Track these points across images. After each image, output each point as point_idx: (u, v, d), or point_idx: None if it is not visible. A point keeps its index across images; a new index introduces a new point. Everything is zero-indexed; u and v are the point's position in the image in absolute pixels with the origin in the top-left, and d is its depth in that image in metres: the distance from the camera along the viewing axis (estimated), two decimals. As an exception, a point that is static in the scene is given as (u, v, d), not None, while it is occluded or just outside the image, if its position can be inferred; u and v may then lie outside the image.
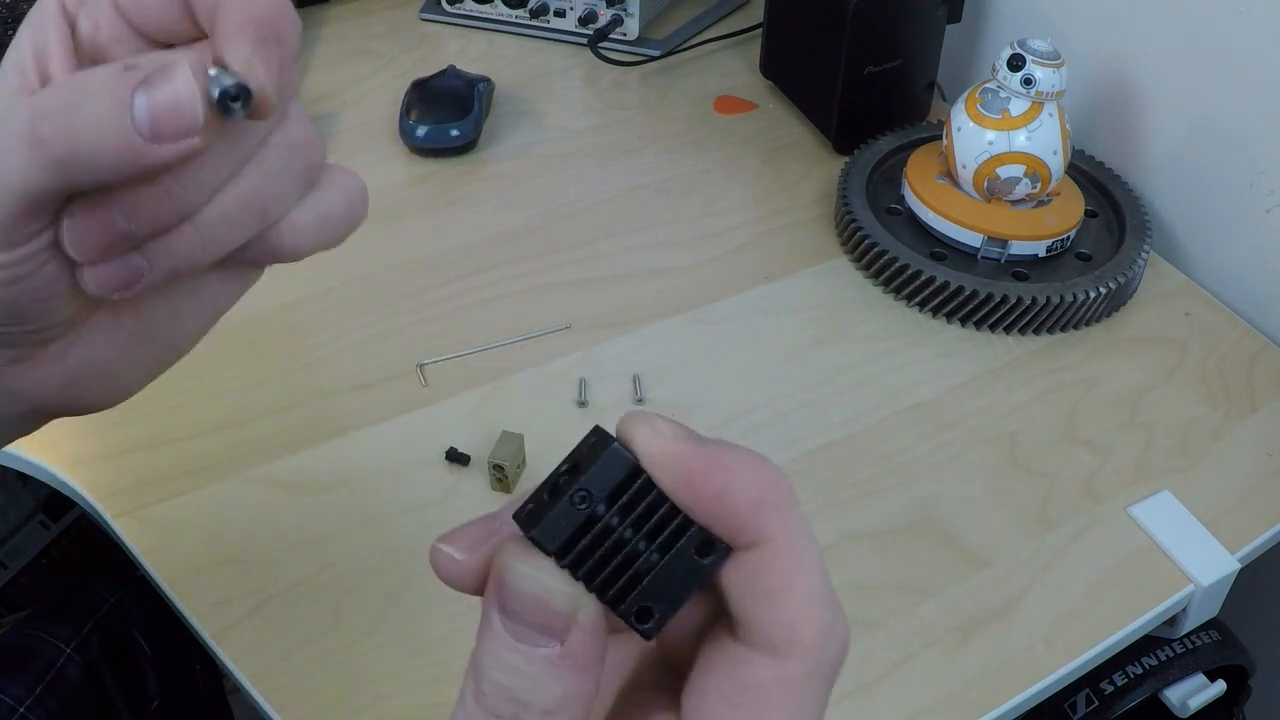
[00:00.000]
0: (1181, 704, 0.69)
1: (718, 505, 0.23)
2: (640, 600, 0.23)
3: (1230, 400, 0.68)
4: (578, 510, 0.22)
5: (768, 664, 0.23)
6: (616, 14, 0.95)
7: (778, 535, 0.23)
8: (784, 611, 0.23)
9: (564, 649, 0.22)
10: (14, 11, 0.96)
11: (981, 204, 0.73)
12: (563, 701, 0.22)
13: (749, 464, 0.24)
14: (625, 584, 0.23)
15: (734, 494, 0.23)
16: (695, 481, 0.23)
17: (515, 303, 0.72)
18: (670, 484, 0.23)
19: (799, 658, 0.23)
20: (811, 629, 0.23)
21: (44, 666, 0.64)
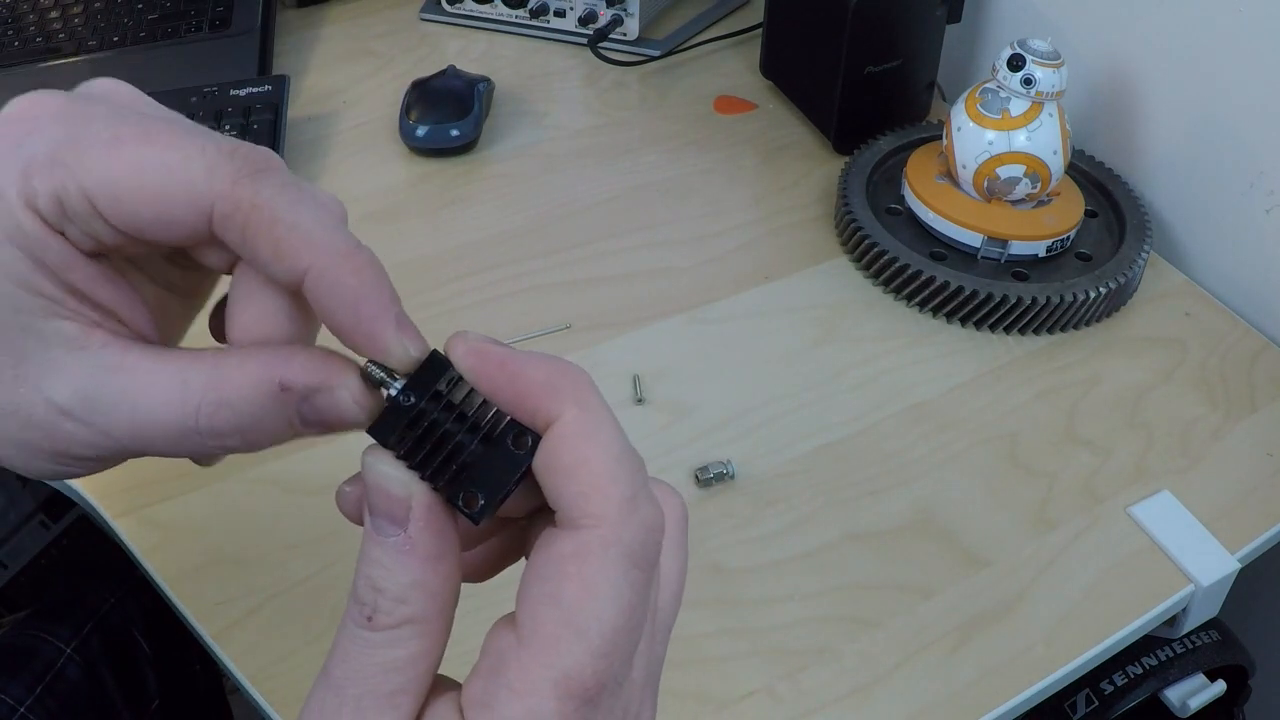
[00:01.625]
0: (1181, 704, 0.69)
1: (512, 389, 0.25)
2: (468, 487, 0.25)
3: (1230, 400, 0.68)
4: (404, 407, 0.26)
5: (566, 536, 0.25)
6: (616, 14, 0.95)
7: (566, 412, 0.25)
8: (575, 483, 0.25)
9: (407, 535, 0.25)
10: (14, 11, 0.96)
11: (981, 204, 0.73)
12: (410, 588, 0.25)
13: (543, 357, 0.26)
14: (454, 474, 0.25)
15: (525, 375, 0.26)
16: (492, 369, 0.26)
17: (515, 303, 0.72)
18: (471, 372, 0.26)
19: (591, 528, 0.24)
20: (602, 500, 0.24)
21: (44, 666, 0.64)
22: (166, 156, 0.26)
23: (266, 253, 0.26)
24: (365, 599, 0.26)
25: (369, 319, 0.26)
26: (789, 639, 0.55)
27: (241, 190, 0.25)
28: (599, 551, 0.24)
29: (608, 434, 0.25)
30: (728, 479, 0.61)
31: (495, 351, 0.26)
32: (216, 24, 0.93)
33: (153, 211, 0.26)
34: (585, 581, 0.24)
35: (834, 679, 0.53)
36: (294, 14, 1.00)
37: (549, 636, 0.24)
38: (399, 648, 0.25)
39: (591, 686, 0.24)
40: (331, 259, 0.26)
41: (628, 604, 0.24)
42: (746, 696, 0.52)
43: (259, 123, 0.80)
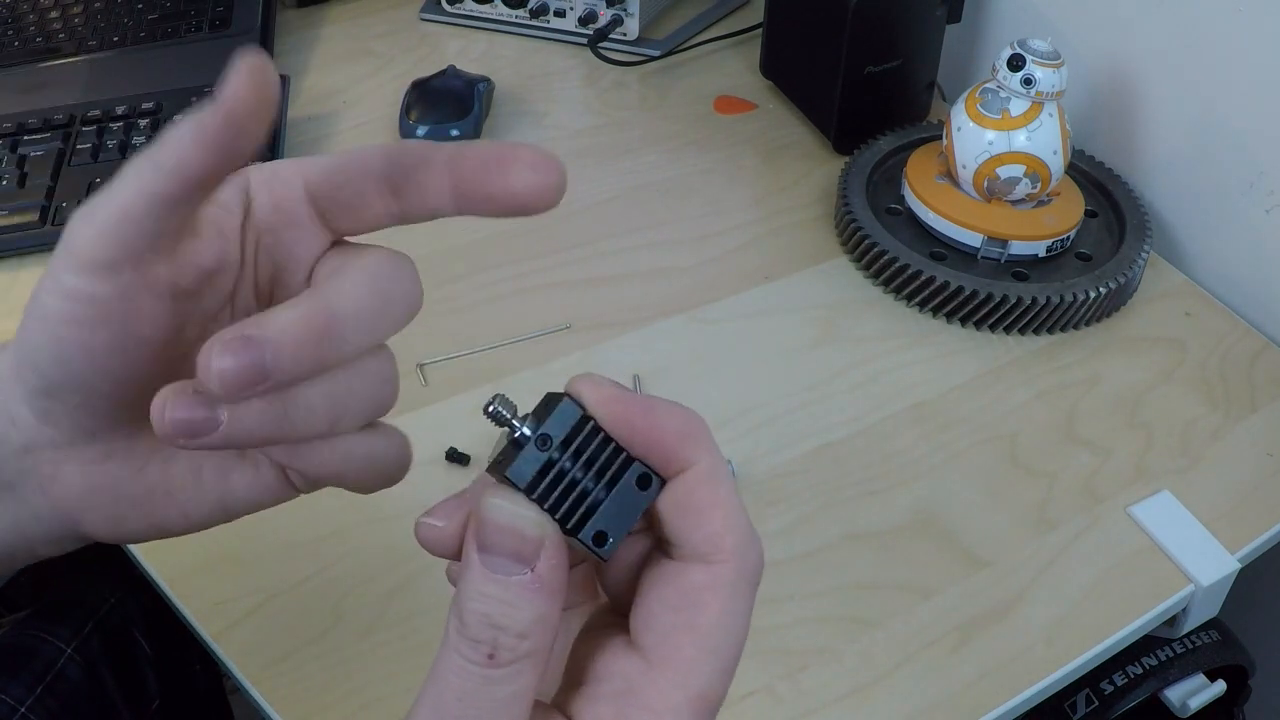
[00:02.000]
0: (1181, 704, 0.69)
1: (651, 438, 0.28)
2: (595, 527, 0.27)
3: (1230, 400, 0.68)
4: (540, 453, 0.27)
5: (701, 570, 0.27)
6: (616, 14, 0.95)
7: (701, 461, 0.28)
8: (710, 524, 0.27)
9: (535, 574, 0.26)
10: (14, 11, 0.96)
11: (981, 204, 0.73)
12: (535, 624, 0.26)
13: (674, 406, 0.28)
14: (582, 515, 0.27)
15: (663, 427, 0.28)
16: (632, 420, 0.28)
17: (515, 303, 0.72)
18: (612, 424, 0.28)
19: (725, 562, 0.27)
20: (734, 538, 0.27)
21: (44, 666, 0.64)
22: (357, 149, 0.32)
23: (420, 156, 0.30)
24: (483, 637, 0.26)
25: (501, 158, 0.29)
26: (789, 639, 0.55)
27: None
28: (734, 582, 0.27)
29: (729, 480, 0.28)
30: (728, 479, 0.61)
31: (633, 403, 0.28)
32: (216, 24, 0.93)
33: (350, 163, 0.31)
34: (722, 609, 0.27)
35: (834, 679, 0.53)
36: (294, 14, 1.00)
37: (686, 659, 0.27)
38: (518, 680, 0.27)
39: (716, 702, 0.27)
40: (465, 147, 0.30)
41: (746, 627, 0.28)
42: (746, 696, 0.52)
43: (259, 123, 0.79)
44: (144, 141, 0.78)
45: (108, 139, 0.78)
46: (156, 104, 0.81)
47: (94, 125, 0.80)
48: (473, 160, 0.29)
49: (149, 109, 0.81)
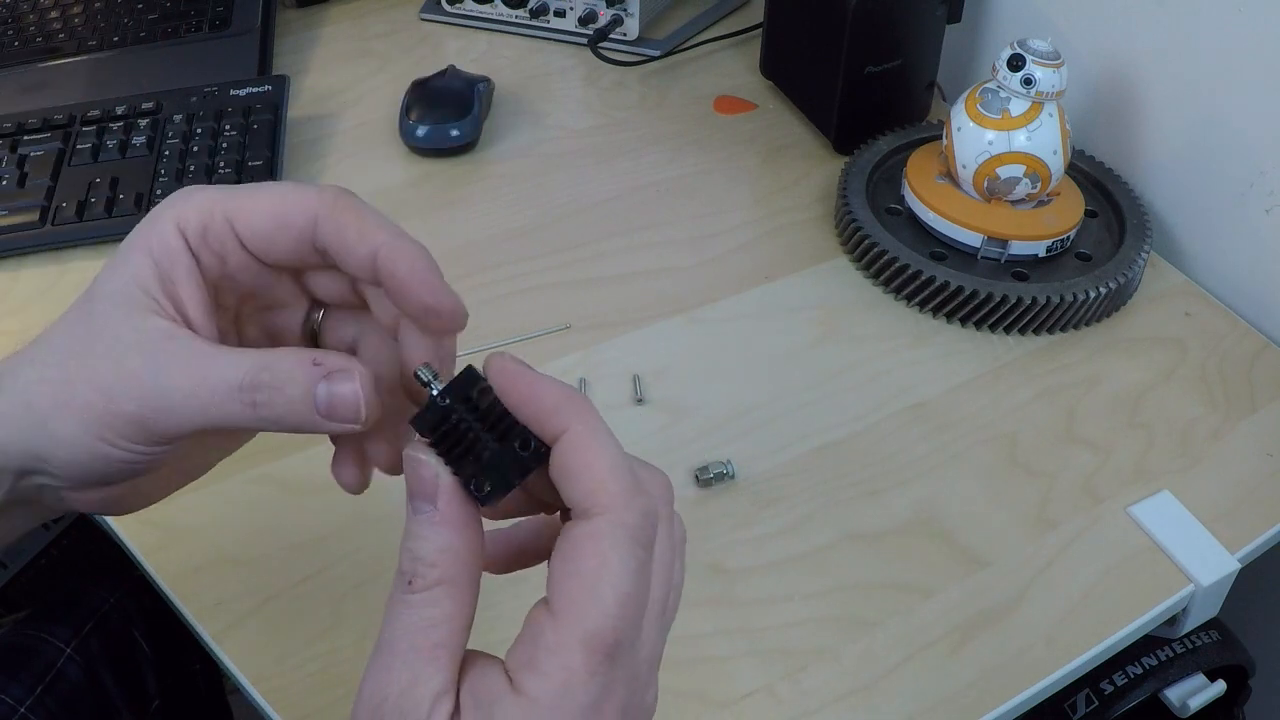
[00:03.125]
0: (1181, 704, 0.69)
1: (531, 406, 0.32)
2: (480, 476, 0.32)
3: (1230, 400, 0.68)
4: (439, 407, 0.32)
5: (581, 524, 0.31)
6: (616, 14, 0.95)
7: (574, 425, 0.31)
8: (584, 483, 0.31)
9: (435, 509, 0.31)
10: (14, 11, 0.96)
11: (981, 204, 0.73)
12: (441, 553, 0.31)
13: (556, 382, 0.32)
14: (472, 464, 0.32)
15: (542, 395, 0.32)
16: (517, 389, 0.32)
17: (515, 303, 0.72)
18: (500, 386, 0.32)
19: (599, 515, 0.30)
20: (607, 493, 0.31)
21: (44, 667, 0.64)
22: (286, 191, 0.35)
23: (352, 237, 0.34)
24: (405, 568, 0.31)
25: (426, 274, 0.34)
26: (789, 639, 0.55)
27: (337, 201, 0.34)
28: (608, 532, 0.30)
29: (607, 442, 0.32)
30: (728, 479, 0.61)
31: (522, 372, 0.32)
32: (216, 24, 0.93)
33: (274, 223, 0.34)
34: (600, 556, 0.30)
35: (834, 679, 0.53)
36: (294, 14, 1.00)
37: (574, 603, 0.30)
38: (434, 606, 0.31)
39: (610, 642, 0.30)
40: (397, 238, 0.34)
41: (633, 573, 0.30)
42: (746, 696, 0.52)
43: (259, 123, 0.80)
44: (144, 141, 0.78)
45: (108, 139, 0.78)
46: (156, 104, 0.81)
47: (94, 125, 0.80)
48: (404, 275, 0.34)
49: (149, 109, 0.81)
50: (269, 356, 0.34)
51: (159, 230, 0.35)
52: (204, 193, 0.35)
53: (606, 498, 0.31)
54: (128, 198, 0.74)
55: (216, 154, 0.77)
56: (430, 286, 0.34)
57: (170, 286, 0.34)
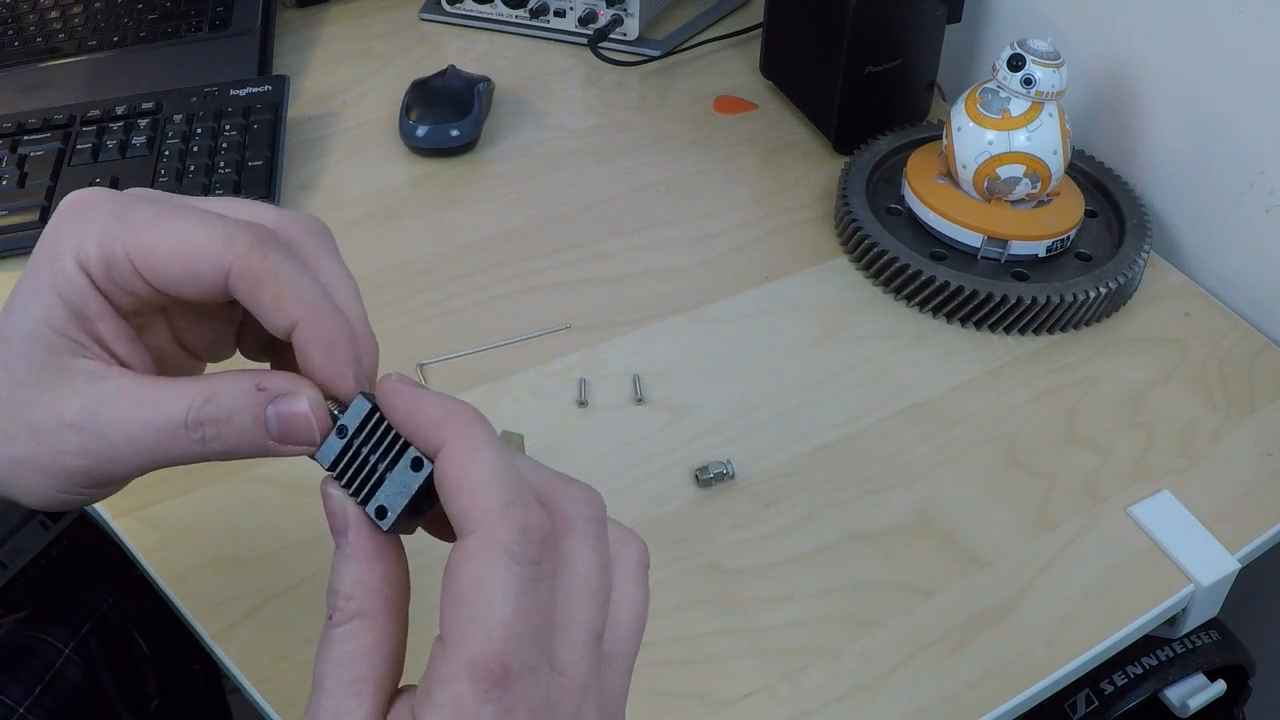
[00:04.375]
0: (1181, 704, 0.69)
1: (410, 424, 0.31)
2: (376, 502, 0.31)
3: (1230, 400, 0.68)
4: (338, 440, 0.32)
5: (459, 544, 0.29)
6: (616, 14, 0.95)
7: (450, 440, 0.30)
8: (459, 500, 0.29)
9: (348, 541, 0.31)
10: (14, 11, 0.96)
11: (981, 204, 0.73)
12: (355, 585, 0.31)
13: (440, 397, 0.31)
14: (369, 491, 0.31)
15: (419, 414, 0.31)
16: (397, 409, 0.31)
17: (515, 303, 0.72)
18: (385, 406, 0.31)
19: (472, 533, 0.29)
20: (478, 510, 0.29)
21: (43, 667, 0.64)
22: (194, 229, 0.32)
23: (268, 303, 0.32)
24: (328, 601, 0.31)
25: (339, 362, 0.33)
26: (789, 639, 0.55)
27: (253, 255, 0.32)
28: (479, 550, 0.29)
29: (484, 456, 0.30)
30: (728, 479, 0.61)
31: (403, 390, 0.31)
32: (216, 24, 0.93)
33: (182, 270, 0.32)
34: (474, 578, 0.29)
35: (834, 679, 0.53)
36: (294, 14, 1.00)
37: (456, 630, 0.28)
38: (353, 640, 0.30)
39: (496, 668, 0.28)
40: (316, 314, 0.33)
41: (512, 593, 0.28)
42: (746, 696, 0.52)
43: (259, 123, 0.80)
44: (144, 141, 0.78)
45: (108, 139, 0.78)
46: (156, 104, 0.81)
47: (94, 125, 0.80)
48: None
49: (149, 109, 0.81)
50: (210, 386, 0.33)
51: (61, 269, 0.33)
52: (98, 221, 0.33)
53: (478, 513, 0.29)
54: (127, 198, 0.74)
55: (216, 154, 0.77)
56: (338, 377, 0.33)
57: (88, 324, 0.33)
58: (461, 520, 0.29)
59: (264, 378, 0.33)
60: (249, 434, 0.33)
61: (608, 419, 0.65)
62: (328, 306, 0.33)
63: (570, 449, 0.63)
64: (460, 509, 0.29)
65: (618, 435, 0.64)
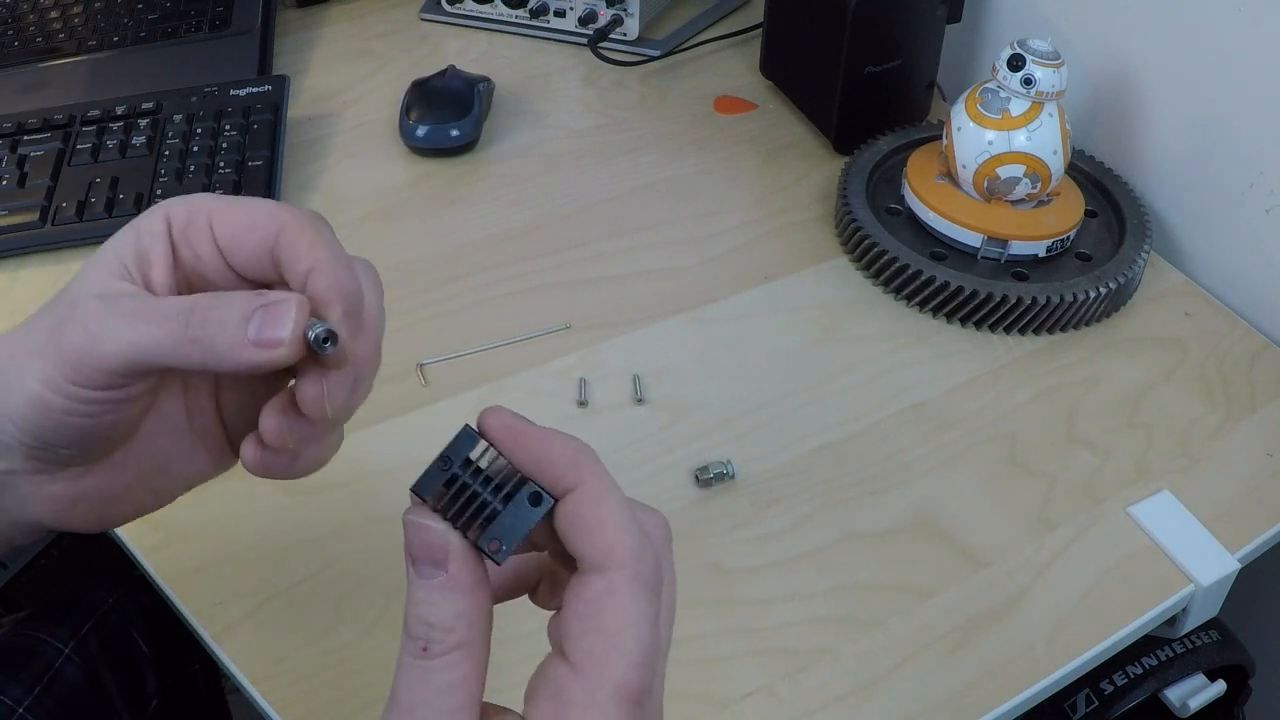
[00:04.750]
0: (1181, 704, 0.69)
1: (540, 460, 0.32)
2: (490, 536, 0.31)
3: (1230, 400, 0.68)
4: (442, 472, 0.32)
5: (597, 579, 0.31)
6: (616, 14, 0.95)
7: (587, 480, 0.31)
8: (600, 537, 0.31)
9: (449, 574, 0.31)
10: (14, 11, 0.96)
11: (981, 204, 0.73)
12: (457, 618, 0.31)
13: (565, 436, 0.32)
14: (480, 525, 0.31)
15: (552, 451, 0.32)
16: (525, 445, 0.32)
17: (515, 303, 0.72)
18: (508, 449, 0.32)
19: (618, 569, 0.31)
20: (623, 547, 0.31)
21: (43, 667, 0.64)
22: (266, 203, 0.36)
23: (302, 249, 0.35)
24: (418, 633, 0.31)
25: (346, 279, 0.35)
26: (789, 639, 0.55)
27: (301, 219, 0.36)
28: (627, 586, 0.31)
29: (617, 495, 0.32)
30: (728, 479, 0.61)
31: (526, 429, 0.32)
32: (216, 24, 0.93)
33: (246, 224, 0.36)
34: (621, 610, 0.30)
35: (834, 679, 0.53)
36: (294, 14, 1.00)
37: (600, 658, 0.30)
38: (453, 670, 0.31)
39: (638, 692, 0.30)
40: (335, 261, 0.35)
41: (652, 623, 0.31)
42: (746, 696, 0.52)
43: (259, 123, 0.80)
44: (144, 141, 0.78)
45: (108, 139, 0.78)
46: (156, 104, 0.81)
47: (94, 125, 0.80)
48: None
49: (149, 109, 0.81)
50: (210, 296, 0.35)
51: (148, 216, 0.37)
52: (199, 197, 0.37)
53: (622, 552, 0.31)
54: (128, 198, 0.74)
55: (216, 154, 0.77)
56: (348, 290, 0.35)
57: (144, 264, 0.36)
58: (600, 557, 0.31)
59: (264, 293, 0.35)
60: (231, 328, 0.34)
61: (608, 419, 0.65)
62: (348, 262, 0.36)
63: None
64: (600, 546, 0.31)
65: (618, 435, 0.64)
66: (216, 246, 0.36)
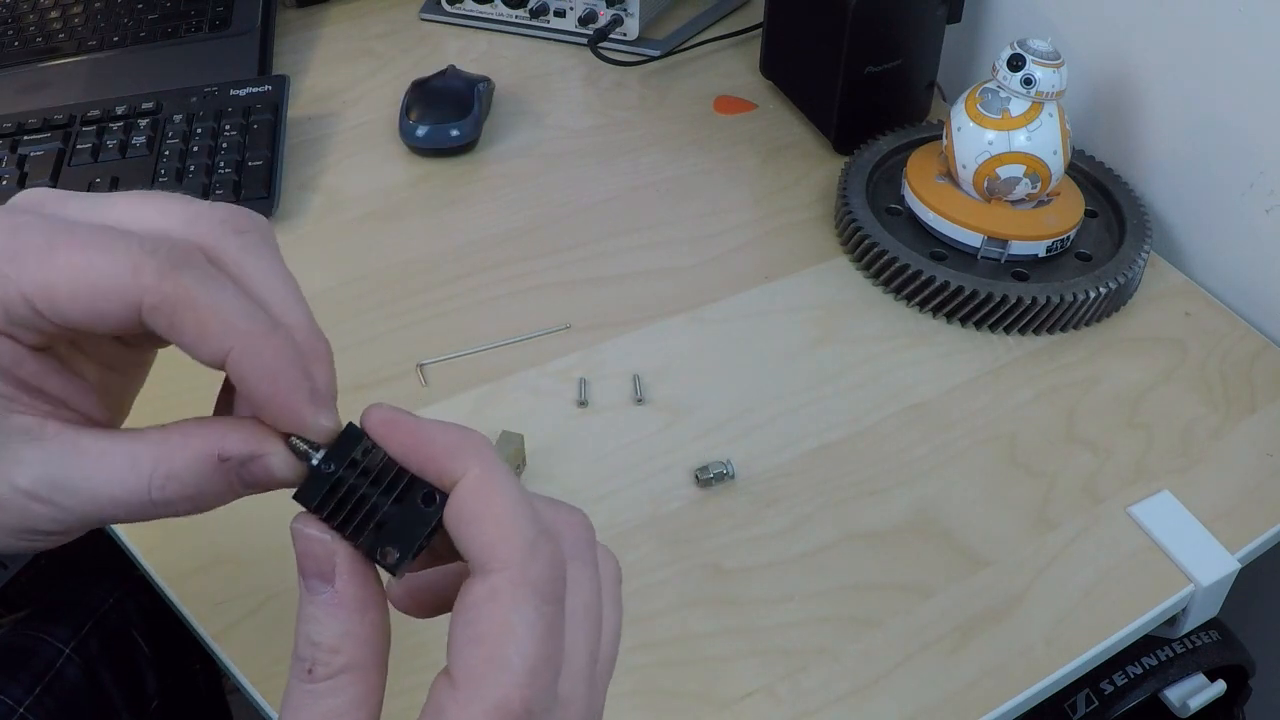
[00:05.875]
0: (1181, 704, 0.69)
1: (421, 455, 0.28)
2: (383, 543, 0.28)
3: (1230, 400, 0.68)
4: (324, 474, 0.29)
5: (479, 582, 0.27)
6: (616, 14, 0.95)
7: (471, 470, 0.28)
8: (482, 533, 0.27)
9: (334, 590, 0.28)
10: (14, 11, 0.96)
11: (981, 204, 0.73)
12: (343, 638, 0.28)
13: (447, 425, 0.29)
14: (371, 531, 0.28)
15: (433, 441, 0.28)
16: (402, 439, 0.29)
17: (515, 303, 0.72)
18: (388, 445, 0.29)
19: (500, 571, 0.27)
20: (508, 546, 0.27)
21: (43, 667, 0.64)
22: (94, 258, 0.27)
23: (191, 338, 0.28)
24: (304, 654, 0.28)
25: (287, 394, 0.28)
26: (789, 639, 0.55)
27: (165, 284, 0.27)
28: (509, 590, 0.27)
29: (506, 487, 0.28)
30: (728, 479, 0.61)
31: (404, 420, 0.29)
32: (216, 24, 0.93)
33: (87, 309, 0.27)
34: (502, 619, 0.27)
35: (834, 679, 0.53)
36: (294, 14, 1.00)
37: (477, 674, 0.27)
38: (339, 695, 0.28)
39: (520, 712, 0.27)
40: (248, 341, 0.28)
41: (542, 634, 0.27)
42: (746, 696, 0.52)
43: (259, 123, 0.80)
44: (144, 141, 0.78)
45: (108, 139, 0.78)
46: (156, 104, 0.81)
47: (94, 125, 0.80)
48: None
49: (149, 109, 0.81)
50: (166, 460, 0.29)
51: None
52: None
53: (506, 550, 0.27)
54: (128, 198, 0.74)
55: (216, 154, 0.77)
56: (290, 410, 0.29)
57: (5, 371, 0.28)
58: (484, 556, 0.27)
59: (222, 439, 0.29)
60: (224, 496, 0.31)
61: (608, 419, 0.65)
62: (259, 327, 0.28)
63: (570, 449, 0.63)
64: (484, 544, 0.27)
65: (618, 435, 0.64)
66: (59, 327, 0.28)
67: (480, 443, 0.29)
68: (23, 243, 0.27)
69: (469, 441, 0.29)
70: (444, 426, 0.29)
